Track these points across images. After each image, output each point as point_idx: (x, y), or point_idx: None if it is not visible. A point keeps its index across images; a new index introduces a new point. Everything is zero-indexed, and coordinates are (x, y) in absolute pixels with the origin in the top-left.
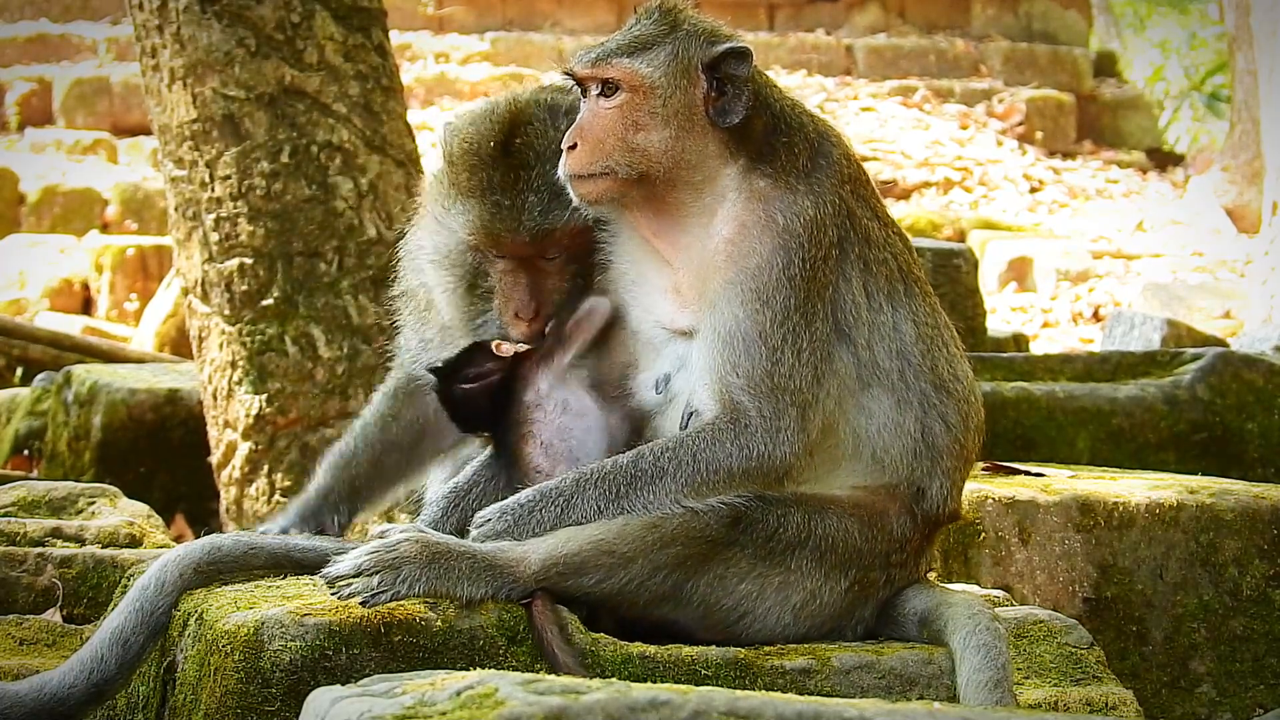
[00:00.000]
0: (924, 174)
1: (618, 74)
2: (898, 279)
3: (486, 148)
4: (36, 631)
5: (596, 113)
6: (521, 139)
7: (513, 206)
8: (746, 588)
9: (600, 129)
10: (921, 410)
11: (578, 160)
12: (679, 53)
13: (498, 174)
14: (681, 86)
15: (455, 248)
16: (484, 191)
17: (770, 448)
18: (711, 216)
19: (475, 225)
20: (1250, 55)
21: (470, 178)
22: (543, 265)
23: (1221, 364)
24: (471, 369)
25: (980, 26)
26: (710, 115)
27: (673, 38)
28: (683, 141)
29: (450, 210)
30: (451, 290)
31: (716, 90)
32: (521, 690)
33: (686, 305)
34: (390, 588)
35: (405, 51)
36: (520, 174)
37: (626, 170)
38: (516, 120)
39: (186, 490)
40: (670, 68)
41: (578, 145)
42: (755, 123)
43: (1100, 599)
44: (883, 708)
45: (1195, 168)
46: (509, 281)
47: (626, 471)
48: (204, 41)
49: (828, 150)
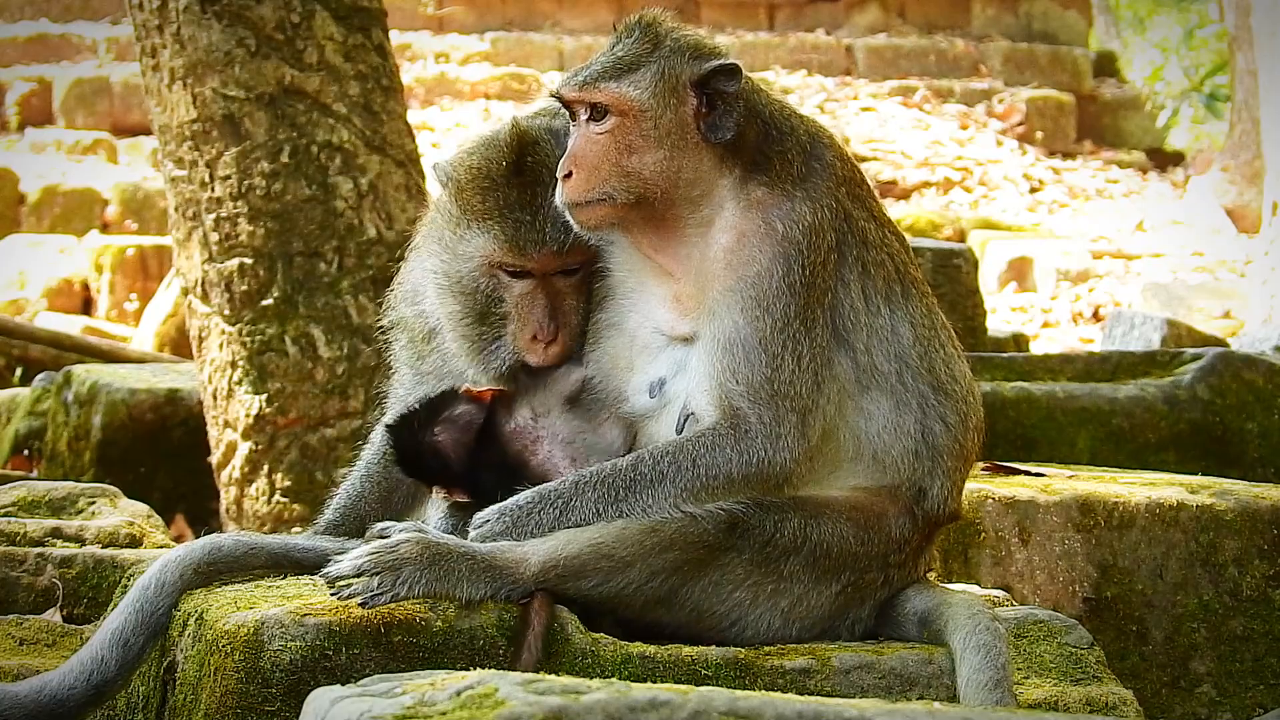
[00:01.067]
0: (924, 174)
1: (605, 98)
2: (895, 280)
3: (498, 169)
4: (36, 631)
5: (588, 138)
6: (532, 158)
7: (534, 221)
8: (740, 595)
9: (594, 155)
10: (920, 411)
11: (575, 188)
12: (666, 72)
13: (514, 193)
14: (671, 106)
15: (468, 274)
16: (502, 211)
17: (770, 454)
18: (710, 227)
19: (498, 244)
20: (1250, 55)
21: (484, 200)
22: (560, 285)
23: (1221, 364)
24: (445, 415)
25: (980, 26)
26: (702, 131)
27: (657, 56)
28: (677, 160)
29: (463, 236)
30: (460, 319)
31: (707, 106)
32: (521, 690)
33: (686, 313)
34: (390, 588)
35: (405, 51)
36: (536, 190)
37: (624, 195)
38: (524, 141)
39: (186, 490)
40: (658, 88)
41: (573, 173)
42: (748, 132)
43: (1100, 599)
44: (883, 708)
45: (1195, 168)
46: (526, 303)
47: (626, 475)
48: (204, 41)
49: (820, 153)
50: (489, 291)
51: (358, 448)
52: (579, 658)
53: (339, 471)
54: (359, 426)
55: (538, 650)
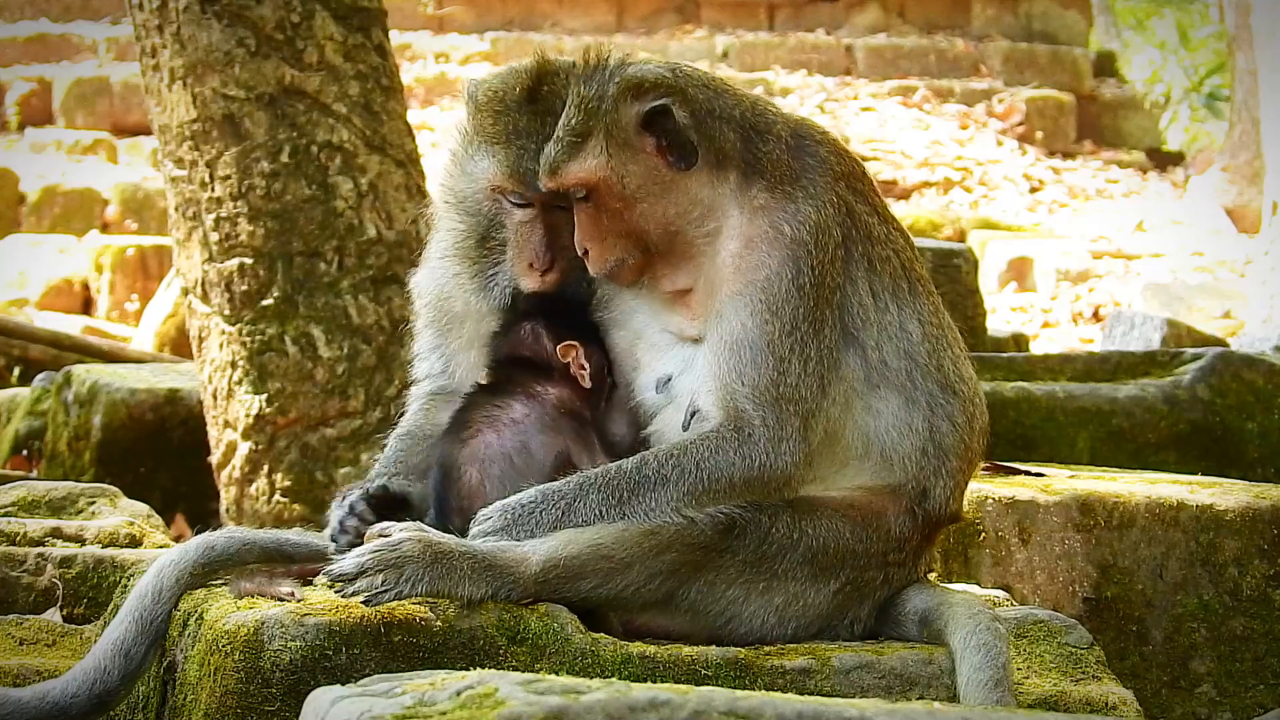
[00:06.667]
0: (924, 174)
1: (573, 181)
2: (901, 276)
3: (513, 95)
4: (36, 631)
5: (585, 213)
6: (549, 87)
7: (539, 151)
8: (734, 593)
9: (595, 230)
10: (929, 410)
11: (594, 263)
12: (612, 130)
13: (524, 119)
14: (630, 159)
15: (475, 194)
16: (509, 137)
17: (773, 458)
18: (718, 236)
19: (501, 169)
20: (1250, 55)
21: (495, 123)
22: (561, 217)
23: (1221, 364)
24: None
25: (980, 26)
26: (671, 165)
27: (601, 115)
28: (664, 201)
29: (474, 156)
30: (463, 237)
31: (665, 140)
32: (521, 690)
33: (695, 316)
34: (393, 586)
35: (405, 51)
36: (546, 120)
37: (635, 253)
38: (543, 71)
39: (186, 490)
40: (611, 149)
41: (589, 250)
42: (724, 141)
43: (1100, 599)
44: (883, 708)
45: (1195, 168)
46: (525, 231)
47: (630, 477)
48: (204, 41)
49: (809, 148)
50: (491, 215)
51: (358, 448)
52: (579, 658)
53: (339, 471)
54: (359, 426)
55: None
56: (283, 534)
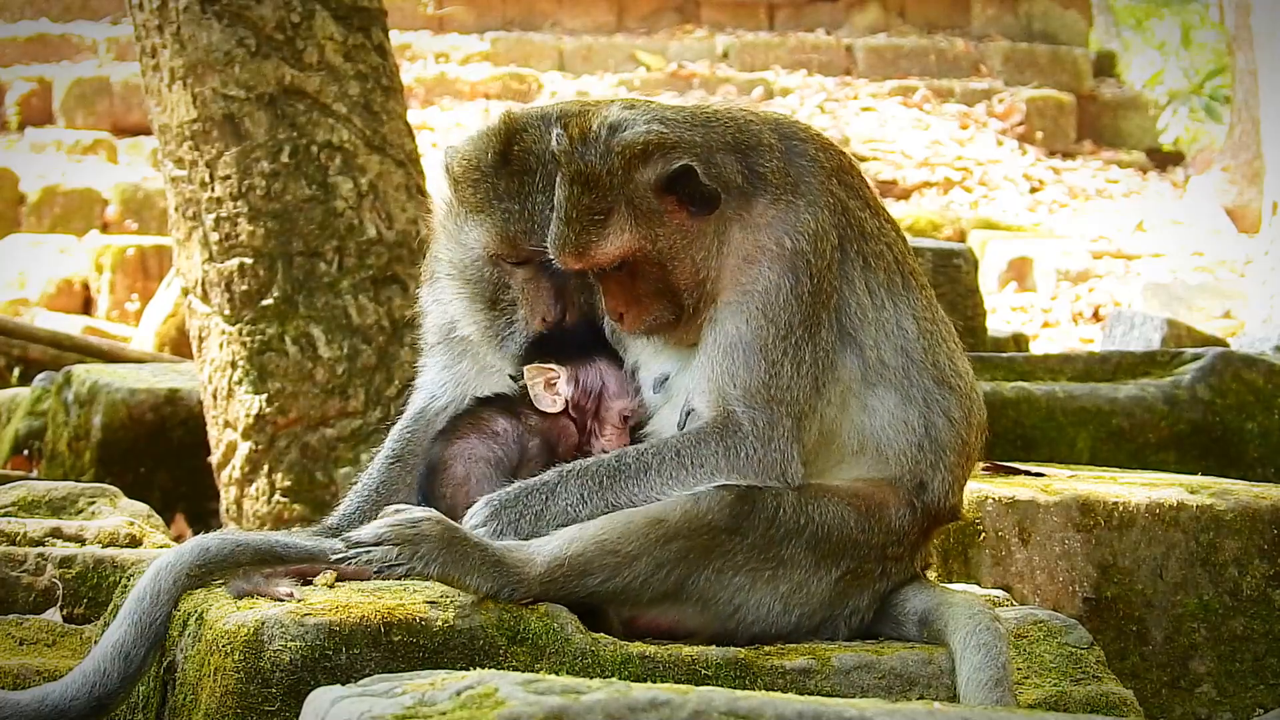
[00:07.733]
0: (924, 174)
1: (606, 260)
2: (895, 271)
3: (486, 161)
4: (36, 631)
5: (618, 282)
6: (519, 146)
7: (522, 211)
8: (740, 580)
9: (628, 296)
10: (925, 405)
11: (631, 325)
12: (633, 200)
13: (502, 183)
14: (657, 223)
15: (473, 262)
16: (492, 203)
17: (761, 454)
18: (720, 248)
19: (491, 235)
20: (1250, 55)
21: (475, 192)
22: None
23: (1221, 364)
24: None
25: (980, 26)
26: (694, 215)
27: (615, 190)
28: (691, 250)
29: (463, 227)
30: (473, 306)
31: (685, 195)
32: (521, 690)
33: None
34: (408, 561)
35: (405, 51)
36: (524, 179)
37: (671, 310)
38: (511, 130)
39: (186, 490)
40: (638, 220)
41: (624, 314)
42: (730, 172)
43: (1100, 599)
44: (883, 708)
45: (1195, 168)
46: (531, 289)
47: (610, 466)
48: (204, 41)
49: (798, 148)
50: (494, 279)
51: (358, 448)
52: (579, 658)
53: (339, 471)
54: (359, 426)
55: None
56: (274, 535)
